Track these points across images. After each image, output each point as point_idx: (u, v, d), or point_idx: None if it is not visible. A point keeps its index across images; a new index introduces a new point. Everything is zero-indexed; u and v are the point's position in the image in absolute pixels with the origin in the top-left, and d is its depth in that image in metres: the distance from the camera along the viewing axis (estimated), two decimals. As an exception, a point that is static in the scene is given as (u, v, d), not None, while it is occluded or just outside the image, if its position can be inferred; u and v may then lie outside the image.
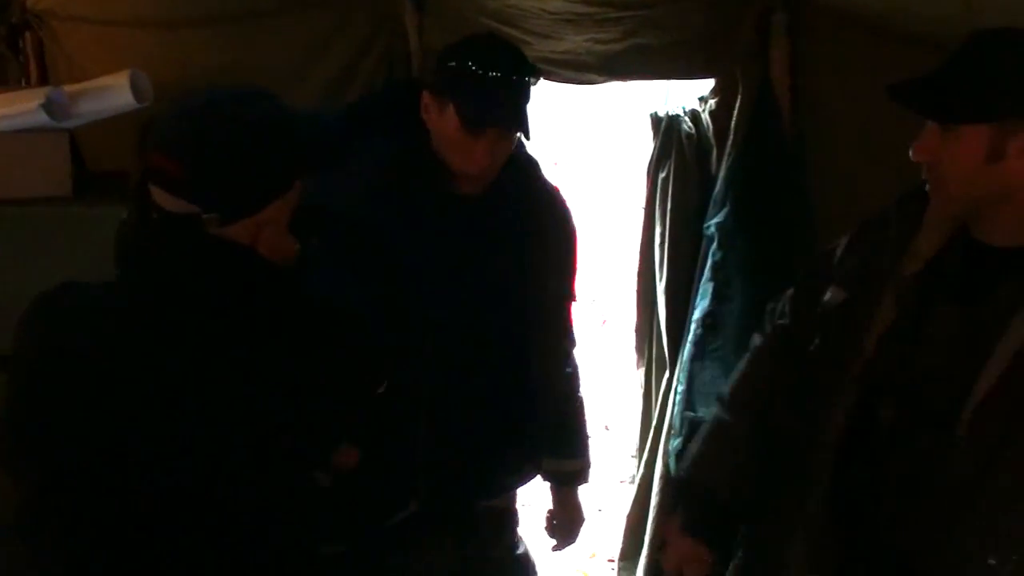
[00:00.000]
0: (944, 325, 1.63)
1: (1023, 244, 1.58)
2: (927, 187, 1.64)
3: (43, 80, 3.40)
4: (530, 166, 2.27)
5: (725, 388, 2.06)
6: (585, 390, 2.61)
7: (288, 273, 1.62)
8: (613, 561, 3.80)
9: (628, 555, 3.22)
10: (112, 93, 2.73)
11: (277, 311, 1.56)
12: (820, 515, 1.74)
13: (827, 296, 1.80)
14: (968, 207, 1.61)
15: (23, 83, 3.40)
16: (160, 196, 1.49)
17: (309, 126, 1.66)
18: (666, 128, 2.94)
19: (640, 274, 3.10)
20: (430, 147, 2.06)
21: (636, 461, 3.24)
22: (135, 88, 2.66)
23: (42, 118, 2.67)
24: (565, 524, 2.68)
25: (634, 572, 3.16)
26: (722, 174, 2.79)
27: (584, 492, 2.81)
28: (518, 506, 2.65)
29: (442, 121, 2.01)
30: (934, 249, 1.68)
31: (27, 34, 3.38)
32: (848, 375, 1.72)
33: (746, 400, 1.98)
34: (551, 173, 2.35)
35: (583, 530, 2.73)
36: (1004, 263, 1.58)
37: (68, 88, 2.94)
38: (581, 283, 2.42)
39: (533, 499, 3.64)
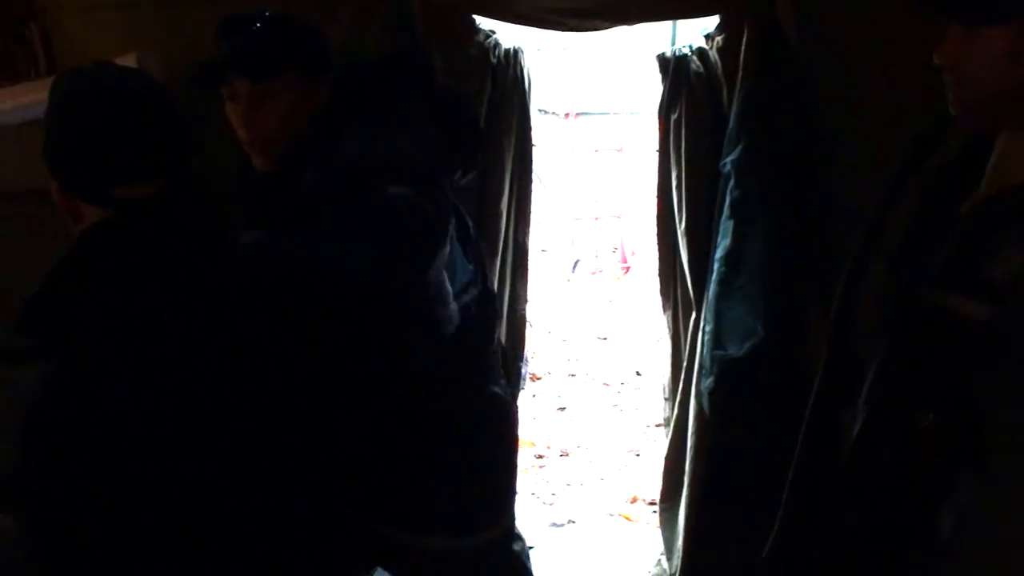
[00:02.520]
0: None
1: None
2: (948, 90, 1.69)
3: (51, 70, 3.42)
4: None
5: None
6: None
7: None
8: (654, 504, 3.84)
9: (668, 497, 3.25)
10: (121, 77, 2.75)
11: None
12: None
13: None
14: (987, 107, 1.65)
15: (31, 74, 3.42)
16: None
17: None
18: (675, 69, 2.91)
19: (659, 218, 3.09)
20: None
21: (669, 404, 3.26)
22: (144, 69, 2.67)
23: (55, 109, 2.70)
24: None
25: (676, 512, 3.18)
26: (734, 111, 2.77)
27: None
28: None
29: None
30: (958, 147, 1.77)
31: (32, 25, 3.40)
32: (877, 259, 1.88)
33: None
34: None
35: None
36: None
37: (79, 76, 2.96)
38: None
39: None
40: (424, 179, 1.73)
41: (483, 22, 3.02)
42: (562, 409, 5.37)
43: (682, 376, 3.11)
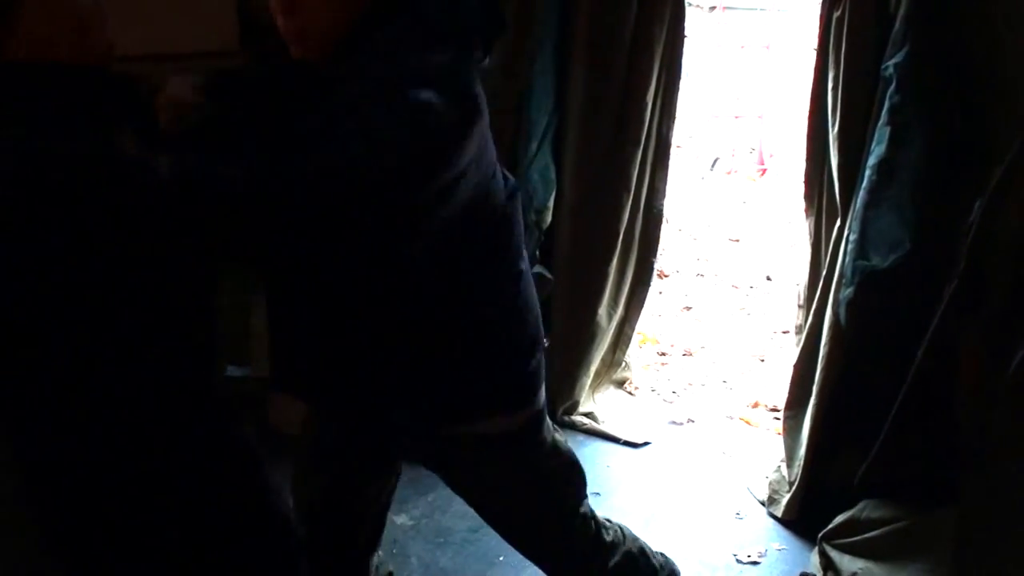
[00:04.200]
0: None
1: None
2: None
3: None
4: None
5: None
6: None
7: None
8: (777, 410, 3.80)
9: (794, 404, 3.20)
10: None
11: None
12: None
13: None
14: None
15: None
16: None
17: None
18: (842, -37, 2.78)
19: (811, 119, 2.98)
20: None
21: (803, 311, 3.19)
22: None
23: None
24: None
25: (801, 422, 3.14)
26: (902, 11, 2.63)
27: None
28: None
29: None
30: None
31: None
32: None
33: None
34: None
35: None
36: None
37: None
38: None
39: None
40: (452, 86, 1.62)
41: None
42: (688, 309, 5.33)
43: (819, 284, 3.03)
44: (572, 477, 2.18)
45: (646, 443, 3.77)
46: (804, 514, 3.14)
